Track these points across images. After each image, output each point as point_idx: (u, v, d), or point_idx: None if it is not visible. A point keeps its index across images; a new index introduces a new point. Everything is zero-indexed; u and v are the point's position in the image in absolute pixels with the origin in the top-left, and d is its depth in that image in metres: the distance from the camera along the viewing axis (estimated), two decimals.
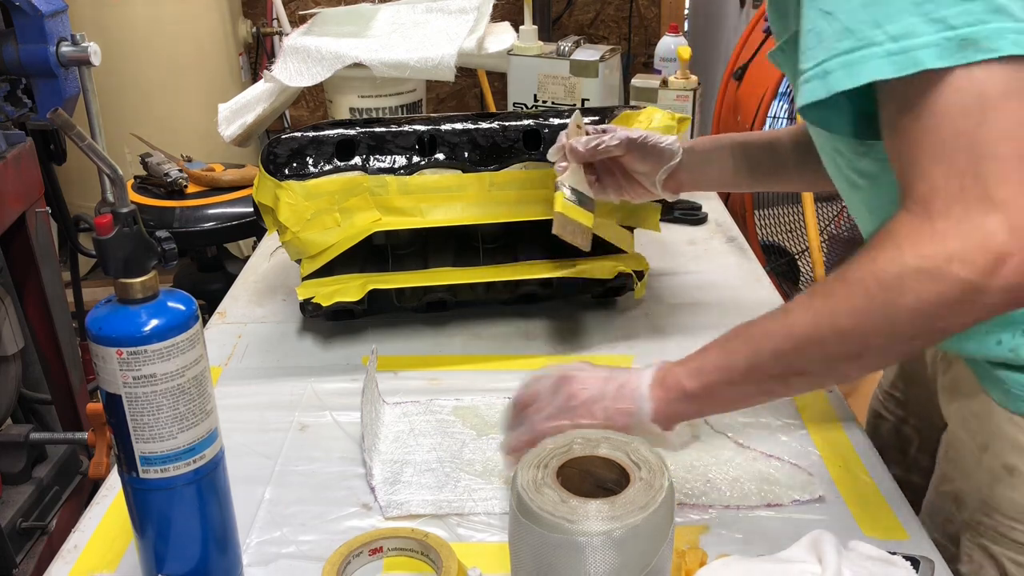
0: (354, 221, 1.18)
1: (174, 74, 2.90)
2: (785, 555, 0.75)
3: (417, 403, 1.08)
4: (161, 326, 0.69)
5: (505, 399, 1.08)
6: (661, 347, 1.20)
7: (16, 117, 1.68)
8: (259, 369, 1.18)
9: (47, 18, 1.62)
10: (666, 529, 0.65)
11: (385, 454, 0.99)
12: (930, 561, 0.75)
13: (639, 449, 0.69)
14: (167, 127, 2.78)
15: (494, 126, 1.22)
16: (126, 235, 0.69)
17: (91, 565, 0.85)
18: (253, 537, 0.87)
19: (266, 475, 0.97)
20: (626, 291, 1.28)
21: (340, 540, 0.84)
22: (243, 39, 3.18)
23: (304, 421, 1.06)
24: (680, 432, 0.83)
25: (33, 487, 1.69)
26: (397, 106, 1.84)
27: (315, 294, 1.18)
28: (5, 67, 1.63)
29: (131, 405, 0.70)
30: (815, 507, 0.89)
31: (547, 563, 0.63)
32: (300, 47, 1.65)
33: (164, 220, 2.07)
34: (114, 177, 0.71)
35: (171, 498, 0.74)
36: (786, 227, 2.38)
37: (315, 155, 1.18)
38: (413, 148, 1.20)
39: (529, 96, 1.79)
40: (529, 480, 0.66)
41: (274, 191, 1.17)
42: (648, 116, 1.23)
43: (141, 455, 0.71)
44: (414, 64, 1.61)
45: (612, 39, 3.68)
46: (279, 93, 1.65)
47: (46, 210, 1.78)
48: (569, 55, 1.75)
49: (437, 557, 0.81)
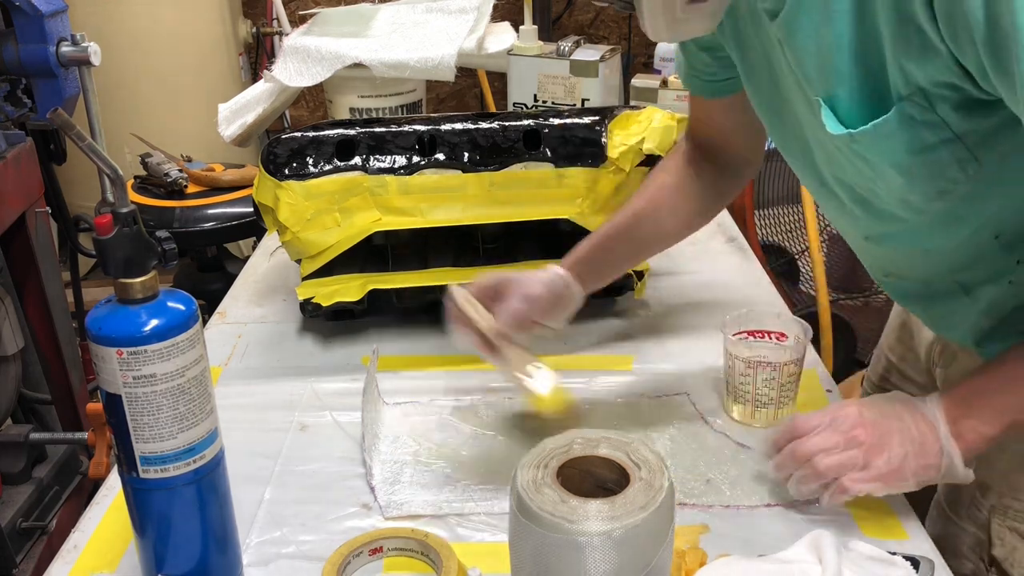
0: (354, 221, 1.18)
1: (174, 74, 2.90)
2: (785, 555, 0.75)
3: (417, 403, 1.08)
4: (161, 326, 0.69)
5: (506, 399, 1.08)
6: (661, 347, 1.20)
7: (16, 117, 1.68)
8: (259, 369, 1.17)
9: (47, 18, 1.62)
10: (666, 529, 0.65)
11: (385, 454, 0.99)
12: (930, 561, 0.76)
13: (639, 449, 0.69)
14: (167, 127, 2.78)
15: (494, 126, 1.22)
16: (126, 235, 0.69)
17: (91, 565, 0.85)
18: (253, 537, 0.87)
19: (266, 475, 0.97)
20: (626, 291, 1.28)
21: (340, 540, 0.84)
22: (243, 39, 3.18)
23: (304, 421, 1.06)
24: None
25: (33, 487, 1.69)
26: (397, 106, 1.84)
27: (315, 294, 1.18)
28: (5, 67, 1.63)
29: (131, 405, 0.70)
30: (815, 507, 0.89)
31: (547, 563, 0.63)
32: (300, 47, 1.65)
33: (164, 220, 2.07)
34: (114, 177, 0.71)
35: (171, 498, 0.74)
36: (786, 227, 2.38)
37: (315, 155, 1.19)
38: (413, 148, 1.20)
39: (529, 96, 1.79)
40: (529, 480, 0.66)
41: (274, 191, 1.17)
42: (648, 116, 1.24)
43: (141, 455, 0.71)
44: (414, 64, 1.61)
45: (612, 39, 3.68)
46: (279, 93, 1.65)
47: (46, 210, 1.78)
48: (569, 55, 1.75)
49: (437, 557, 0.81)
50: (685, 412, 1.05)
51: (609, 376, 1.13)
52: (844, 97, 0.76)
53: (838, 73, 0.75)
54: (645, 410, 1.06)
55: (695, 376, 1.12)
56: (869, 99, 0.75)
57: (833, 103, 0.77)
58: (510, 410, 1.06)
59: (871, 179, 0.80)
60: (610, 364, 1.16)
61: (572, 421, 1.01)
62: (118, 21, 2.80)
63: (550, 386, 0.98)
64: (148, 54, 2.85)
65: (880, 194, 0.81)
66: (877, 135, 0.74)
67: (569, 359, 1.18)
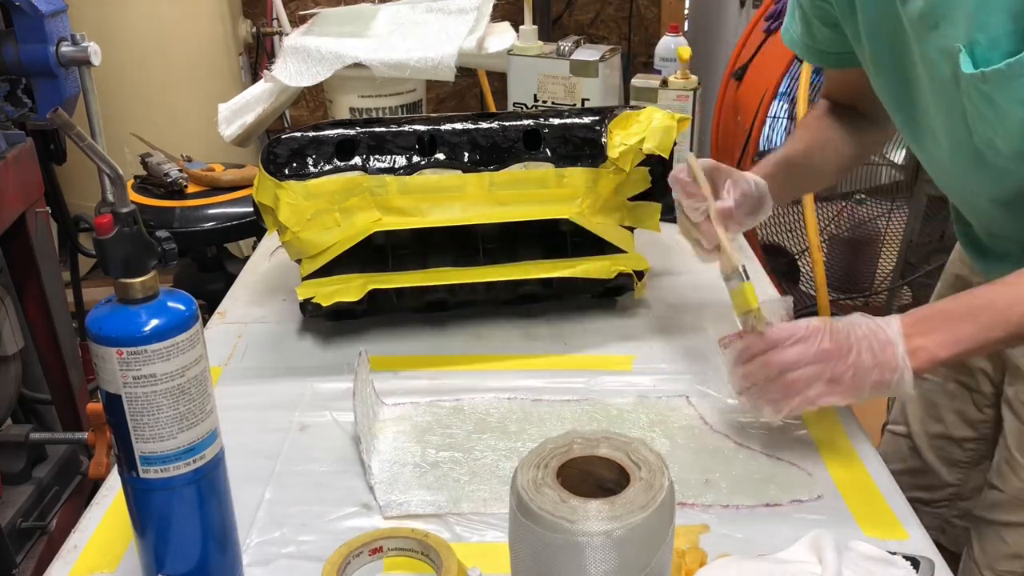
0: (354, 221, 1.18)
1: (174, 74, 2.90)
2: (785, 555, 0.75)
3: (417, 403, 1.08)
4: (161, 326, 0.69)
5: (506, 399, 1.08)
6: (661, 347, 1.20)
7: (16, 117, 1.68)
8: (259, 369, 1.17)
9: (47, 18, 1.62)
10: (666, 529, 0.65)
11: (385, 454, 0.99)
12: (930, 561, 0.76)
13: (639, 449, 0.69)
14: (167, 127, 2.78)
15: (494, 126, 1.22)
16: (126, 235, 0.69)
17: (91, 565, 0.85)
18: (253, 537, 0.87)
19: (266, 475, 0.97)
20: (626, 291, 1.28)
21: (340, 540, 0.84)
22: (243, 39, 3.18)
23: (304, 421, 1.06)
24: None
25: (33, 487, 1.69)
26: (397, 106, 1.84)
27: (315, 294, 1.18)
28: (5, 67, 1.63)
29: (131, 405, 0.70)
30: (815, 507, 0.89)
31: (547, 563, 0.63)
32: (300, 47, 1.65)
33: (164, 220, 2.07)
34: (114, 177, 0.71)
35: (171, 498, 0.74)
36: (786, 227, 2.38)
37: (315, 155, 1.19)
38: (413, 148, 1.20)
39: (529, 96, 1.78)
40: (529, 480, 0.66)
41: (274, 191, 1.17)
42: (648, 116, 1.24)
43: (141, 455, 0.71)
44: (414, 64, 1.61)
45: (612, 39, 3.68)
46: (279, 93, 1.65)
47: (46, 210, 1.78)
48: (569, 55, 1.75)
49: (437, 557, 0.81)
50: (685, 412, 1.05)
51: (609, 376, 1.13)
52: (987, 45, 0.80)
53: (980, 21, 0.80)
54: (645, 410, 1.06)
55: (695, 376, 1.12)
56: (1010, 40, 0.79)
57: (973, 51, 0.81)
58: (510, 410, 1.06)
59: (993, 126, 0.84)
60: (610, 364, 1.16)
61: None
62: (118, 21, 2.80)
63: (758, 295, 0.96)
64: (148, 54, 2.85)
65: (999, 146, 0.86)
66: (1011, 74, 0.79)
67: (569, 359, 1.18)
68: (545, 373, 1.14)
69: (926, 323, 0.88)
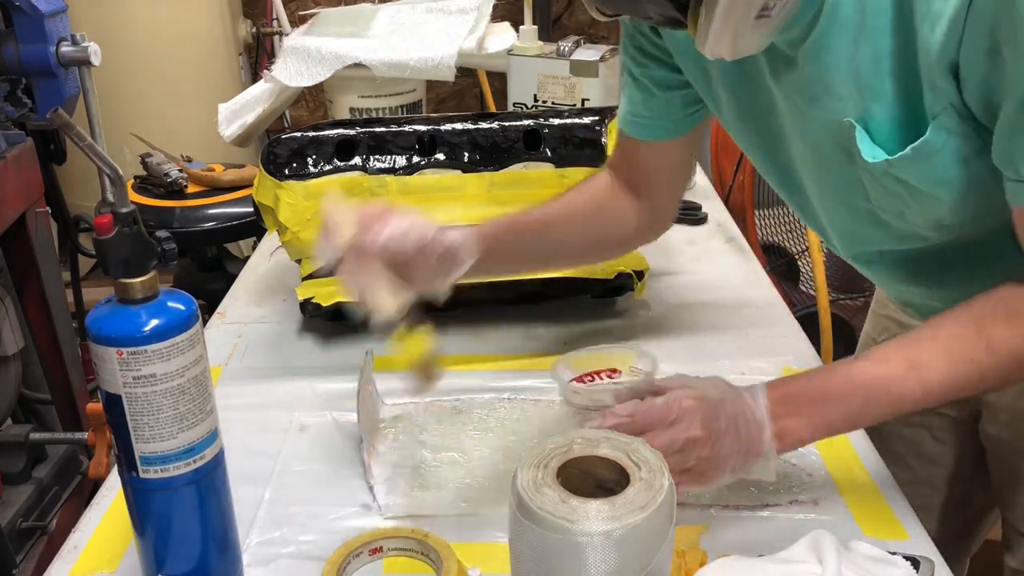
0: None
1: (174, 74, 2.90)
2: (785, 555, 0.75)
3: (417, 403, 1.08)
4: (161, 326, 0.69)
5: (506, 399, 1.08)
6: (661, 347, 1.20)
7: (16, 117, 1.68)
8: (259, 369, 1.17)
9: (47, 18, 1.62)
10: (666, 529, 0.65)
11: (385, 454, 0.99)
12: (930, 561, 0.76)
13: (639, 449, 0.69)
14: (167, 127, 2.78)
15: (494, 126, 1.22)
16: (126, 235, 0.69)
17: (91, 565, 0.85)
18: (253, 537, 0.87)
19: (266, 475, 0.96)
20: (626, 291, 1.28)
21: (340, 540, 0.84)
22: (243, 39, 3.18)
23: (304, 421, 1.06)
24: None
25: (33, 487, 1.69)
26: (397, 106, 1.84)
27: (315, 294, 1.18)
28: (5, 67, 1.63)
29: (131, 405, 0.70)
30: (815, 507, 0.89)
31: (547, 563, 0.63)
32: (300, 47, 1.65)
33: (164, 220, 2.07)
34: (114, 177, 0.71)
35: (171, 498, 0.74)
36: (786, 227, 2.38)
37: (315, 155, 1.19)
38: (413, 148, 1.20)
39: (529, 96, 1.78)
40: (529, 480, 0.66)
41: (274, 191, 1.17)
42: None
43: (141, 455, 0.71)
44: (414, 64, 1.61)
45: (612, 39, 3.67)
46: (279, 93, 1.65)
47: (46, 210, 1.78)
48: (569, 55, 1.75)
49: (437, 557, 0.81)
50: None
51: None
52: (881, 119, 0.77)
53: (874, 91, 0.76)
54: None
55: (695, 376, 1.12)
56: (906, 121, 0.75)
57: (868, 126, 0.77)
58: (510, 410, 1.06)
59: (905, 201, 0.81)
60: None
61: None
62: (118, 21, 2.80)
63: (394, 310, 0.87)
64: (148, 54, 2.85)
65: (909, 218, 0.83)
66: (917, 157, 0.75)
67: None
68: (545, 373, 1.14)
69: (798, 401, 0.83)
